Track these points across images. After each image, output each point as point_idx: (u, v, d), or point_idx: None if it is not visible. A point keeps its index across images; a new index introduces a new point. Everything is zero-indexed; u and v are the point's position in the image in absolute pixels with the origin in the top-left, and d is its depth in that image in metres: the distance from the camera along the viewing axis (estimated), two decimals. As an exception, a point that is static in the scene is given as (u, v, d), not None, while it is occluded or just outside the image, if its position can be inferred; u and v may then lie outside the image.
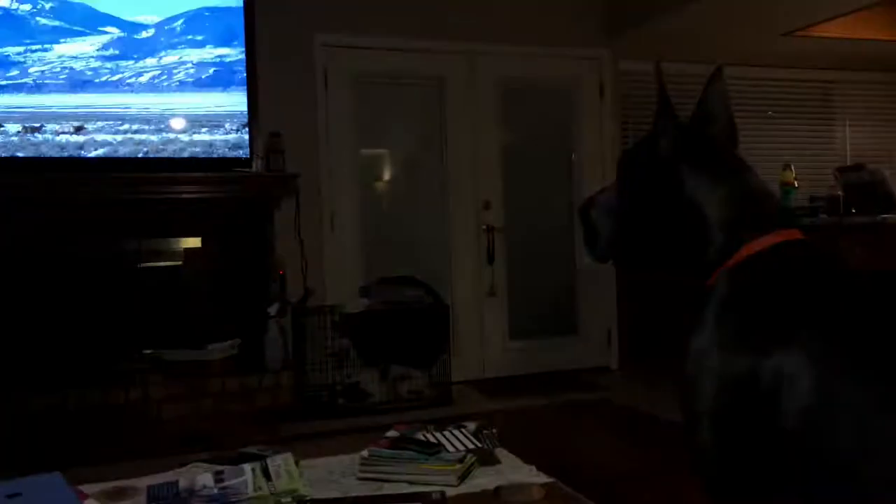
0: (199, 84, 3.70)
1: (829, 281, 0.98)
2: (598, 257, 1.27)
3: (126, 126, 3.55)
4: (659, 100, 1.12)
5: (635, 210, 1.19)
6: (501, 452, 1.71)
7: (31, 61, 3.44)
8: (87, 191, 3.33)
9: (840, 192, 3.60)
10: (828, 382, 0.87)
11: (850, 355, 0.88)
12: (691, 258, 1.11)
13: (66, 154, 3.46)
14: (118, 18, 3.61)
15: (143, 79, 3.64)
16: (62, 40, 3.50)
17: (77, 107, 3.49)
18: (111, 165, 3.51)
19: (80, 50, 3.53)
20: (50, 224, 3.41)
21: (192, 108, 3.67)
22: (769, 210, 1.07)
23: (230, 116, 3.71)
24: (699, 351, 1.01)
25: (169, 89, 3.67)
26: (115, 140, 3.53)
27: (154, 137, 3.59)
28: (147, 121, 3.59)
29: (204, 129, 3.67)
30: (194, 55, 3.71)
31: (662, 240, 1.16)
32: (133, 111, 3.58)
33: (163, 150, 3.61)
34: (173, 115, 3.64)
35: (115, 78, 3.58)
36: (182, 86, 3.68)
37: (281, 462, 1.55)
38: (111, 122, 3.53)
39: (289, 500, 1.44)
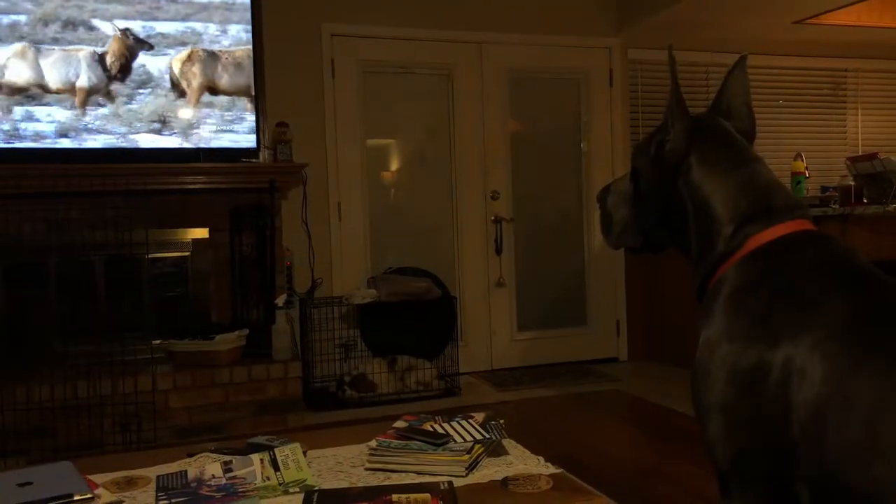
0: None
1: (839, 271, 0.97)
2: (612, 243, 1.29)
3: (135, 117, 3.55)
4: (671, 92, 1.11)
5: (646, 200, 1.19)
6: (509, 443, 1.71)
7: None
8: (94, 181, 3.33)
9: (852, 182, 3.57)
10: (838, 374, 0.86)
11: (861, 347, 0.87)
12: (701, 249, 1.10)
13: (73, 145, 3.46)
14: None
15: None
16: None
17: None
18: (119, 155, 3.51)
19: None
20: (57, 214, 3.41)
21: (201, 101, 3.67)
22: (777, 201, 1.06)
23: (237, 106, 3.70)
24: (709, 342, 1.01)
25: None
26: (122, 130, 3.53)
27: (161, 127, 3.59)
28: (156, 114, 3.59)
29: (211, 120, 3.67)
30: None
31: (673, 229, 1.16)
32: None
33: (170, 140, 3.61)
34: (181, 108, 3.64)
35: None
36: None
37: (289, 452, 1.56)
38: (118, 113, 3.53)
39: (297, 490, 1.44)
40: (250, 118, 3.71)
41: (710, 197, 1.08)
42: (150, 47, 3.53)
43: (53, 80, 3.42)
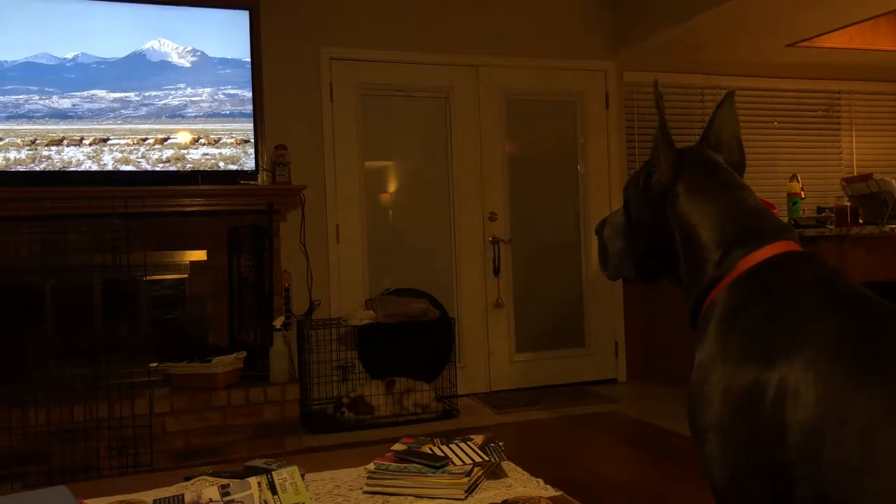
0: (213, 113, 3.72)
1: (829, 291, 0.97)
2: (609, 275, 1.33)
3: (135, 141, 3.57)
4: (658, 124, 1.15)
5: (637, 230, 1.22)
6: (508, 465, 1.70)
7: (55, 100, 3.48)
8: (92, 203, 3.34)
9: (847, 203, 3.58)
10: (832, 395, 0.86)
11: (854, 367, 0.87)
12: (691, 276, 1.12)
13: (72, 168, 3.48)
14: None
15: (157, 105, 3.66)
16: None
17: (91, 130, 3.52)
18: (118, 178, 3.52)
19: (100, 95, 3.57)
20: (55, 236, 3.42)
21: (200, 126, 3.69)
22: (763, 224, 1.08)
23: (236, 129, 3.73)
24: (702, 365, 1.01)
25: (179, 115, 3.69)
26: (121, 154, 3.55)
27: (160, 151, 3.61)
28: (154, 137, 3.61)
29: (211, 143, 3.69)
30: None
31: (664, 259, 1.19)
32: (142, 130, 3.60)
33: (169, 163, 3.63)
34: (180, 128, 3.66)
35: (127, 110, 3.60)
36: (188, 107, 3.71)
37: (287, 475, 1.54)
38: (120, 137, 3.55)
39: (294, 513, 1.43)
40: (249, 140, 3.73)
41: (698, 224, 1.10)
42: None
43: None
